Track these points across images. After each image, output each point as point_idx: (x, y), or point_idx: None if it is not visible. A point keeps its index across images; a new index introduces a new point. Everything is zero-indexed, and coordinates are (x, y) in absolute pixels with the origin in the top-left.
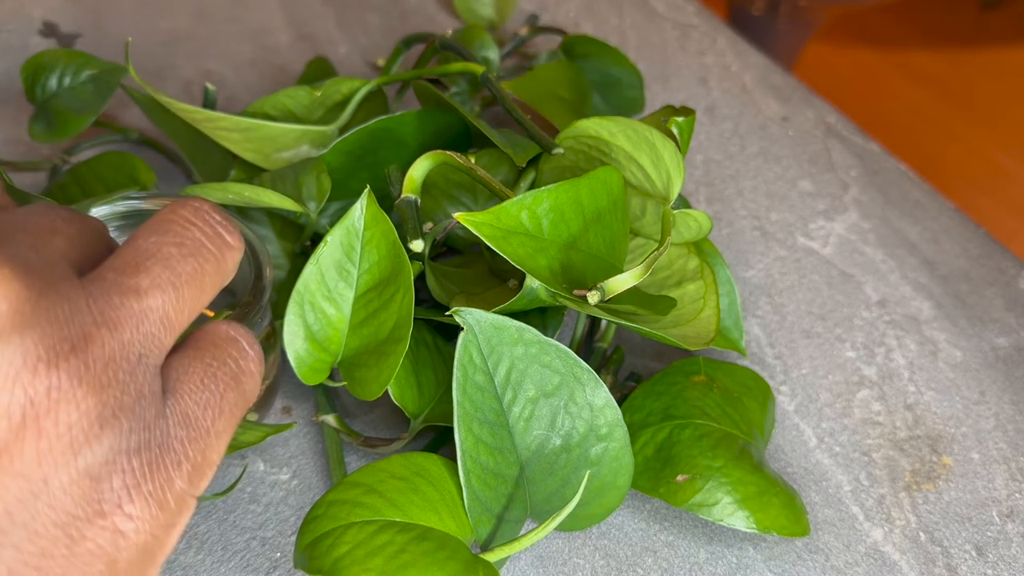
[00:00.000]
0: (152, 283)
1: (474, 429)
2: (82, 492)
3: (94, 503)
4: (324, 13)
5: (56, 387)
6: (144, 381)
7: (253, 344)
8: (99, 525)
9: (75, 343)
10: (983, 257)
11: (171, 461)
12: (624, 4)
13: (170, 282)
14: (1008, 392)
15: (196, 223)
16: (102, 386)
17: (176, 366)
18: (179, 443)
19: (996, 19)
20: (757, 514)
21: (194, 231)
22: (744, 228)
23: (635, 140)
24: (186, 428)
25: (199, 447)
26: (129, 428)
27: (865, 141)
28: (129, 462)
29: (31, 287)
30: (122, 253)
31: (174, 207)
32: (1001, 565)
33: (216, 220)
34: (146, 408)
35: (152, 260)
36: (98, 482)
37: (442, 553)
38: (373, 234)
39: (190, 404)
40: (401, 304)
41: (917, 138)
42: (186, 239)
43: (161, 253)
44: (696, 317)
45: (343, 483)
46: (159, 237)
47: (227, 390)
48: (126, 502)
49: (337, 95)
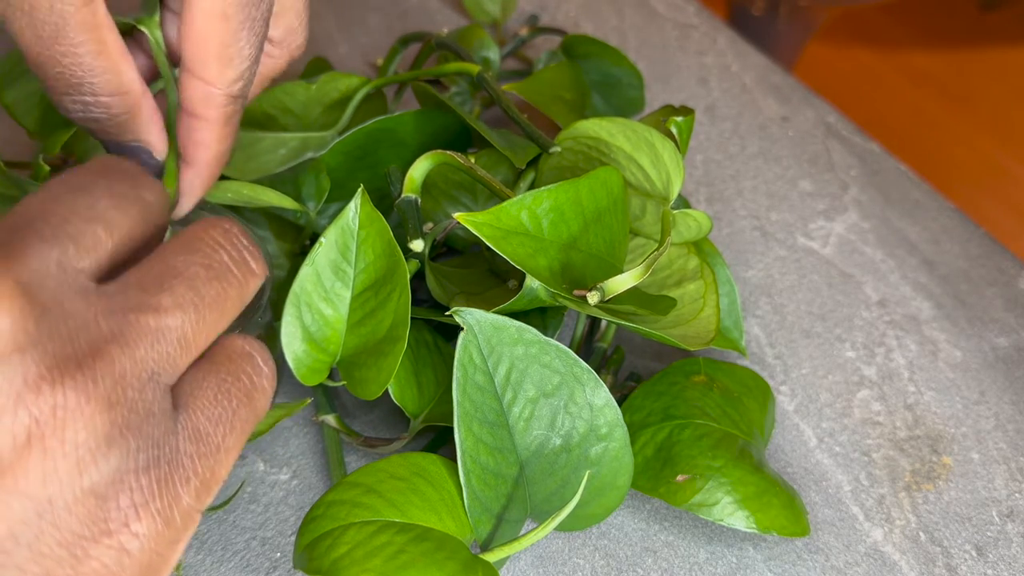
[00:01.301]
0: (174, 302)
1: (474, 429)
2: (87, 511)
3: (100, 522)
4: (324, 13)
5: (62, 405)
6: (154, 399)
7: (268, 360)
8: (104, 544)
9: (82, 360)
10: (983, 257)
11: (180, 478)
12: (624, 4)
13: (192, 303)
14: (1008, 392)
15: (225, 246)
16: (110, 404)
17: (190, 380)
18: (189, 459)
19: (996, 19)
20: (757, 514)
21: (222, 254)
22: (744, 228)
23: (634, 140)
24: (196, 444)
25: (208, 463)
26: (137, 447)
27: (865, 141)
28: (137, 480)
29: (35, 303)
30: (149, 266)
31: (205, 227)
32: (1001, 565)
33: (243, 245)
34: (155, 426)
35: (178, 279)
36: (104, 501)
37: (441, 553)
38: (368, 233)
39: (202, 420)
40: (398, 303)
41: (917, 138)
42: (214, 261)
43: (188, 272)
44: (696, 317)
45: (342, 483)
46: (188, 256)
47: (240, 406)
48: (133, 520)
49: (335, 92)
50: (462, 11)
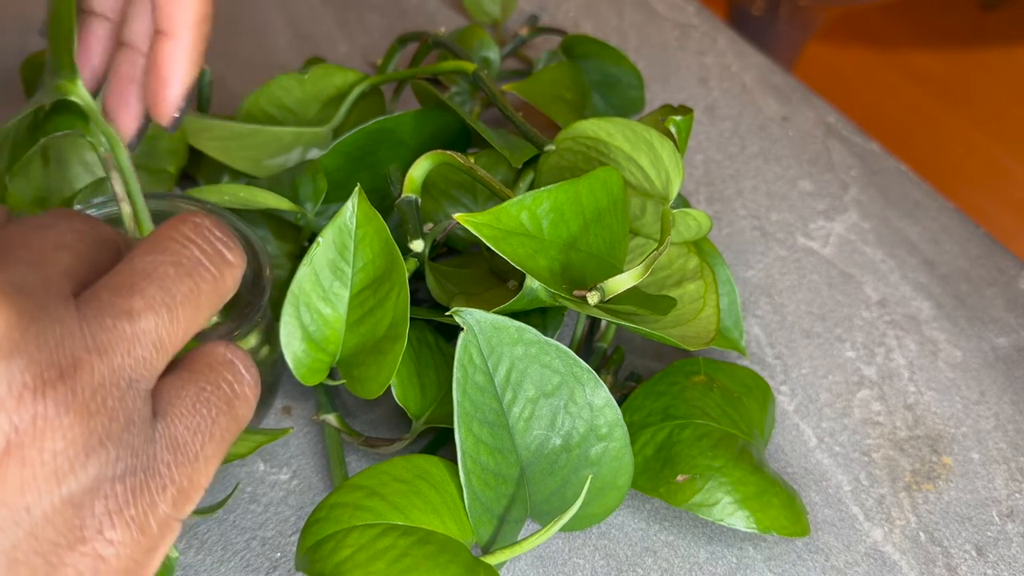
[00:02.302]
0: (146, 304)
1: (474, 429)
2: (64, 520)
3: (75, 530)
4: (324, 13)
5: (42, 415)
6: (134, 407)
7: (250, 368)
8: (79, 551)
9: (64, 369)
10: (983, 257)
11: (156, 486)
12: (624, 4)
13: (164, 303)
14: (1008, 392)
15: (195, 240)
16: (90, 414)
17: (169, 388)
18: (166, 467)
19: (996, 19)
20: (757, 514)
21: (192, 249)
22: (744, 228)
23: (633, 140)
24: (174, 453)
25: (186, 472)
26: (116, 456)
27: (865, 141)
28: (112, 488)
29: (22, 313)
30: (119, 272)
31: (174, 223)
32: (1001, 565)
33: (216, 237)
34: (135, 434)
35: (147, 280)
36: (80, 509)
37: (444, 556)
38: (366, 232)
39: (180, 429)
40: (397, 302)
41: (917, 138)
42: (183, 258)
43: (157, 273)
44: (696, 317)
45: (345, 486)
46: (155, 256)
47: (219, 415)
48: (107, 528)
49: (331, 88)
50: (462, 11)
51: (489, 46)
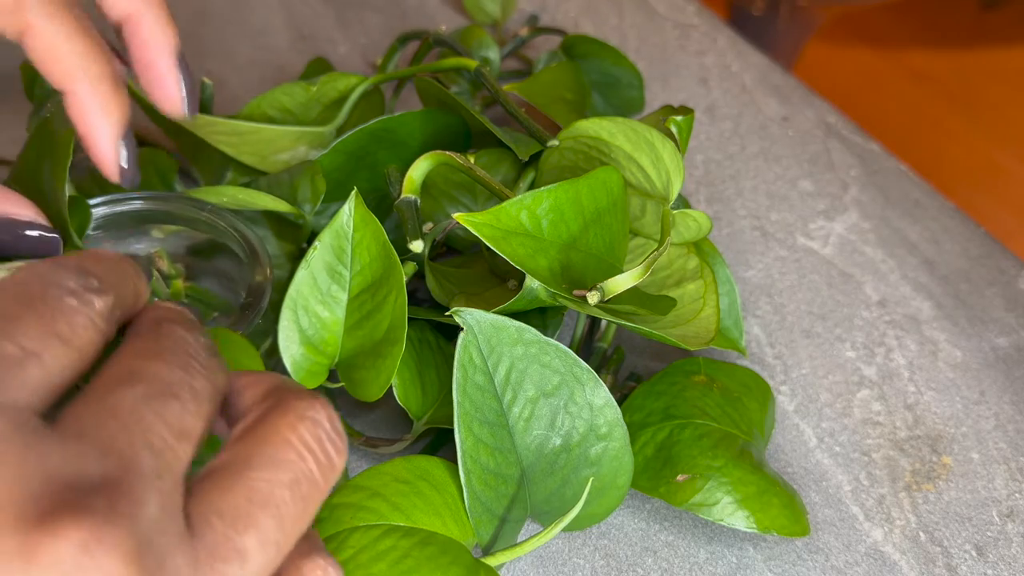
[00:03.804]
0: (259, 542)
1: (474, 429)
2: None
3: None
4: (324, 13)
5: None
6: None
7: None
8: None
9: None
10: (983, 257)
11: None
12: (624, 4)
13: (275, 541)
14: (1008, 392)
15: (313, 450)
16: None
17: None
18: None
19: (996, 19)
20: (757, 514)
21: (308, 462)
22: (744, 228)
23: (634, 140)
24: None
25: None
26: None
27: (865, 141)
28: None
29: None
30: (232, 490)
31: (294, 422)
32: (1001, 565)
33: (329, 438)
34: None
35: (263, 510)
36: None
37: (445, 558)
38: (363, 236)
39: None
40: (395, 305)
41: (917, 138)
42: (301, 476)
43: (273, 499)
44: (696, 317)
45: (346, 486)
46: (272, 474)
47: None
48: None
49: (334, 92)
50: (462, 11)
51: (489, 46)
